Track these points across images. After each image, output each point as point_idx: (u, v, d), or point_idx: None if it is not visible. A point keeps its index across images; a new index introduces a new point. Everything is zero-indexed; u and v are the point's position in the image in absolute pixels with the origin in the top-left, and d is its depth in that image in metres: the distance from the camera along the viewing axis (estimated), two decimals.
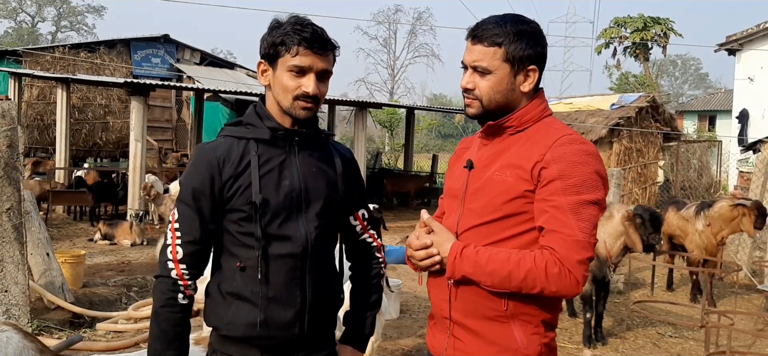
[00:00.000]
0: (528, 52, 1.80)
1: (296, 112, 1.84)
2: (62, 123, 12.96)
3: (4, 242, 4.74)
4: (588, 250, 1.70)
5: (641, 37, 30.06)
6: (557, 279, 1.67)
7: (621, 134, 12.20)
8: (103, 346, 5.16)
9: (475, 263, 1.73)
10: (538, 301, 1.76)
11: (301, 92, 1.81)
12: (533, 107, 1.84)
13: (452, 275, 1.78)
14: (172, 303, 1.84)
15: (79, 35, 49.50)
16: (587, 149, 1.75)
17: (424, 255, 1.82)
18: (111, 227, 10.10)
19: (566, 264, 1.67)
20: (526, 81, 1.83)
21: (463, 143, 2.07)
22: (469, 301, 1.80)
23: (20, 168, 4.86)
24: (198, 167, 1.86)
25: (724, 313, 5.56)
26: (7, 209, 4.73)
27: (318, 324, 1.91)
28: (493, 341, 1.78)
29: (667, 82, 55.62)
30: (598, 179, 1.73)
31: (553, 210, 1.70)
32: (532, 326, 1.78)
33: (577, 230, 1.68)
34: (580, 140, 1.78)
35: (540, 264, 1.68)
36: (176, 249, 1.83)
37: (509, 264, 1.70)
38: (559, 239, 1.68)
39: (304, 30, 1.80)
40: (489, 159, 1.85)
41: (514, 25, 1.80)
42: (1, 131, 4.67)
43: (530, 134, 1.81)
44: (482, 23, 1.84)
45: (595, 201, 1.72)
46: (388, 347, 5.47)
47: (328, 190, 1.92)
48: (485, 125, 1.87)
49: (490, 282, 1.72)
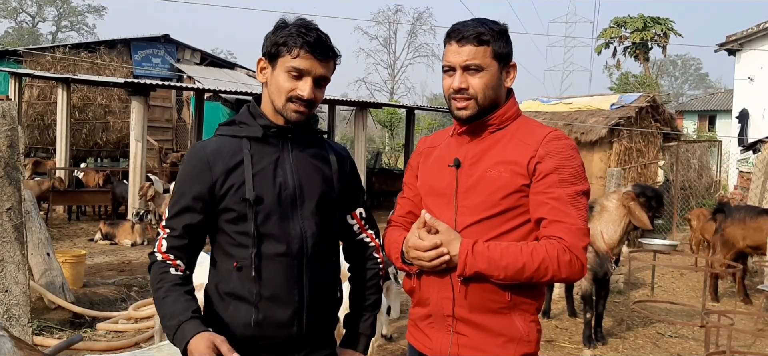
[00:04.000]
0: (507, 49, 1.90)
1: (288, 113, 1.84)
2: (62, 123, 12.98)
3: (5, 242, 4.75)
4: (588, 236, 1.83)
5: (641, 37, 30.06)
6: (568, 266, 1.77)
7: (621, 134, 12.20)
8: (104, 346, 5.17)
9: (489, 258, 1.78)
10: (534, 291, 1.87)
11: (296, 94, 1.81)
12: (511, 105, 1.93)
13: (463, 272, 1.79)
14: (165, 275, 1.81)
15: (79, 35, 49.54)
16: (572, 144, 1.89)
17: (434, 255, 1.82)
18: (112, 227, 10.11)
19: (574, 252, 1.77)
20: (508, 77, 1.93)
21: (427, 142, 2.10)
22: (476, 296, 1.83)
23: (21, 168, 4.86)
24: (189, 164, 1.86)
25: (724, 313, 5.56)
26: (7, 209, 4.73)
27: (317, 323, 1.90)
28: (498, 332, 1.84)
29: (667, 82, 55.59)
30: (583, 171, 1.88)
31: (553, 202, 1.79)
32: (530, 314, 1.88)
33: (578, 218, 1.79)
34: (564, 136, 1.90)
35: (552, 254, 1.76)
36: (162, 243, 1.84)
37: (523, 256, 1.77)
38: (565, 228, 1.78)
39: (309, 34, 1.80)
40: (476, 157, 1.89)
41: (492, 25, 1.88)
42: (1, 131, 4.67)
43: (513, 131, 1.89)
44: (463, 25, 1.88)
45: (585, 191, 1.85)
46: (388, 347, 5.48)
47: (323, 187, 1.91)
48: (471, 124, 1.90)
49: (504, 276, 1.78)
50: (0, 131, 4.66)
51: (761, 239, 7.26)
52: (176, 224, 1.83)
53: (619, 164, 11.93)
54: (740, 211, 7.74)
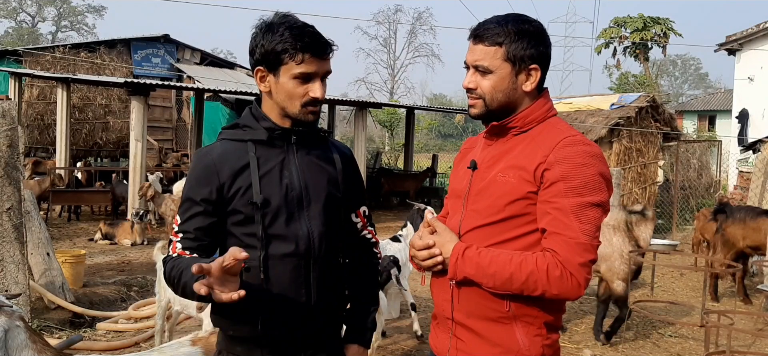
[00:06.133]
0: (529, 51, 1.79)
1: (305, 117, 1.85)
2: (62, 123, 12.97)
3: (5, 242, 4.75)
4: (590, 253, 1.68)
5: (641, 37, 30.07)
6: (559, 282, 1.66)
7: (621, 134, 12.20)
8: (104, 346, 5.17)
9: (477, 264, 1.73)
10: (541, 302, 1.74)
11: (310, 98, 1.82)
12: (538, 107, 1.83)
13: (454, 276, 1.77)
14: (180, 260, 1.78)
15: (79, 35, 49.54)
16: (591, 151, 1.73)
17: (426, 255, 1.82)
18: (112, 227, 10.10)
19: (568, 267, 1.66)
20: (528, 80, 1.81)
21: (467, 143, 2.06)
22: (472, 302, 1.79)
23: (20, 168, 4.86)
24: (196, 170, 1.87)
25: (724, 313, 5.56)
26: (7, 208, 4.73)
27: (324, 323, 1.92)
28: (495, 342, 1.78)
29: (667, 82, 55.60)
30: (601, 180, 1.71)
31: (555, 212, 1.68)
32: (535, 327, 1.77)
33: (580, 232, 1.66)
34: (584, 141, 1.76)
35: (541, 267, 1.67)
36: (176, 246, 1.84)
37: (511, 266, 1.69)
38: (561, 241, 1.67)
39: (306, 36, 1.79)
40: (493, 160, 1.84)
41: (515, 25, 1.79)
42: (1, 130, 4.67)
43: (534, 134, 1.79)
44: (484, 23, 1.84)
45: (598, 203, 1.70)
46: (388, 346, 5.48)
47: (329, 188, 1.92)
48: (489, 126, 1.86)
49: (492, 284, 1.72)
50: (0, 130, 4.65)
51: (760, 239, 7.28)
52: (188, 228, 1.83)
53: (619, 164, 11.93)
54: (741, 211, 7.76)
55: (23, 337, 2.44)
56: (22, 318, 2.50)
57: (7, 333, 2.39)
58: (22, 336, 2.44)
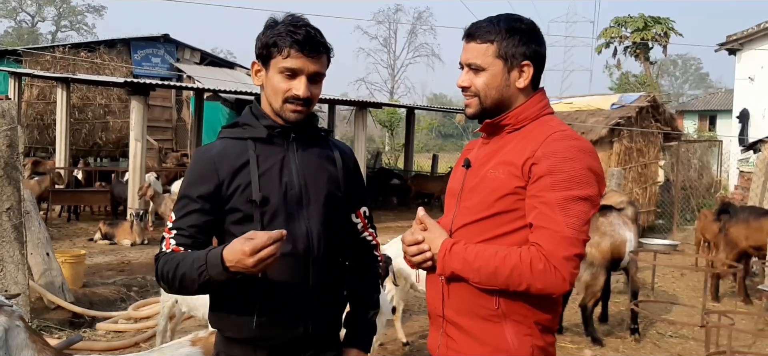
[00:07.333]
0: (521, 48, 1.80)
1: (286, 114, 1.83)
2: (62, 123, 12.97)
3: (4, 242, 4.74)
4: (576, 247, 1.66)
5: (641, 36, 30.06)
6: (543, 276, 1.65)
7: (621, 134, 12.19)
8: (103, 346, 5.16)
9: (464, 259, 1.72)
10: (531, 300, 1.73)
11: (292, 94, 1.80)
12: (532, 104, 1.83)
13: (442, 271, 1.77)
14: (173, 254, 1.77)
15: (79, 35, 49.47)
16: (580, 145, 1.73)
17: (415, 251, 1.82)
18: (111, 227, 10.10)
19: (552, 261, 1.64)
20: (520, 77, 1.82)
21: (469, 145, 2.07)
22: (462, 299, 1.79)
23: (20, 168, 4.85)
24: (195, 167, 1.86)
25: (724, 313, 5.55)
26: (7, 208, 4.73)
27: (323, 323, 1.90)
28: (484, 341, 1.76)
29: (668, 82, 55.55)
30: (590, 174, 1.70)
31: (541, 206, 1.68)
32: (525, 327, 1.75)
33: (565, 226, 1.65)
34: (573, 136, 1.76)
35: (525, 260, 1.66)
36: (169, 242, 1.81)
37: (496, 260, 1.69)
38: (546, 235, 1.66)
39: (297, 32, 1.78)
40: (486, 157, 1.85)
41: (506, 23, 1.82)
42: (1, 130, 4.66)
43: (527, 131, 1.80)
44: (477, 23, 1.86)
45: (586, 197, 1.68)
46: (388, 346, 5.47)
47: (329, 187, 1.90)
48: (483, 123, 1.87)
49: (477, 279, 1.71)
50: (0, 130, 4.65)
51: (763, 239, 7.29)
52: (183, 225, 1.81)
53: (619, 164, 11.92)
54: (744, 211, 7.77)
55: (23, 337, 2.44)
56: (21, 318, 2.50)
57: (7, 333, 2.39)
58: (22, 336, 2.44)
